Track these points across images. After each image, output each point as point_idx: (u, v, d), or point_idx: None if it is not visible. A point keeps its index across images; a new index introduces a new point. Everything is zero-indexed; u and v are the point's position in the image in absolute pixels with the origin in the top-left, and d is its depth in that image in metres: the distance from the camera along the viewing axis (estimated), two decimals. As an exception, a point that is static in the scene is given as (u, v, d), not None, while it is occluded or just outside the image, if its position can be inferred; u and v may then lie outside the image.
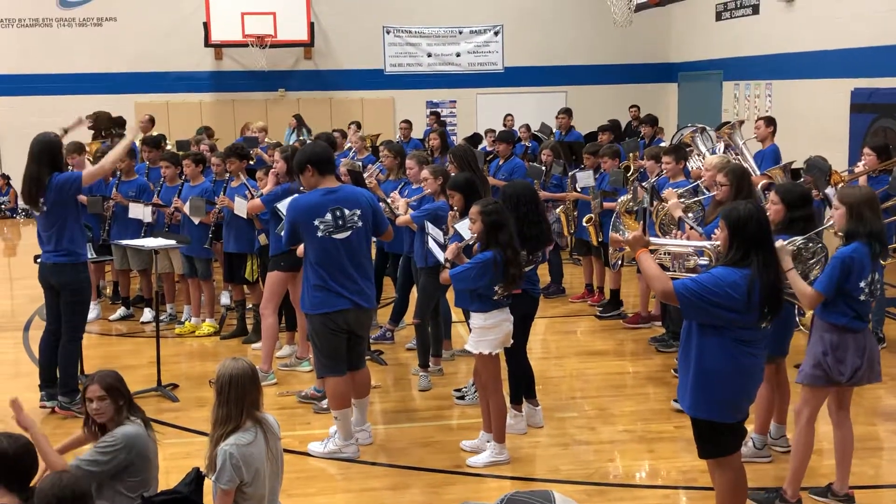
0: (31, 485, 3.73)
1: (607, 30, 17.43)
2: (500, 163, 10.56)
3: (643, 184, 8.01)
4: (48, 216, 6.65)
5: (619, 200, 7.74)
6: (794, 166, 8.62)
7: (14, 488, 3.70)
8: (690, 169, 8.06)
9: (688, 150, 8.39)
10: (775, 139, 9.69)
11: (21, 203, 17.33)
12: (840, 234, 5.09)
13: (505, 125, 15.37)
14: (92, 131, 13.17)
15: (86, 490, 3.40)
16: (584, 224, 9.34)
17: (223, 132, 15.82)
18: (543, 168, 10.35)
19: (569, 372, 7.83)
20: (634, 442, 6.25)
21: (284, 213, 6.31)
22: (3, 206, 18.11)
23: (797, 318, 5.54)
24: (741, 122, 9.54)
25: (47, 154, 6.60)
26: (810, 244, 5.12)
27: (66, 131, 7.75)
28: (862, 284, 4.90)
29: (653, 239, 5.06)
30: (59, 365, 6.81)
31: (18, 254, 14.96)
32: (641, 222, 7.10)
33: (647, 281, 4.64)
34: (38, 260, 6.94)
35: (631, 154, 10.71)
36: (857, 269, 4.89)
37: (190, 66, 18.48)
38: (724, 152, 8.42)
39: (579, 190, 9.63)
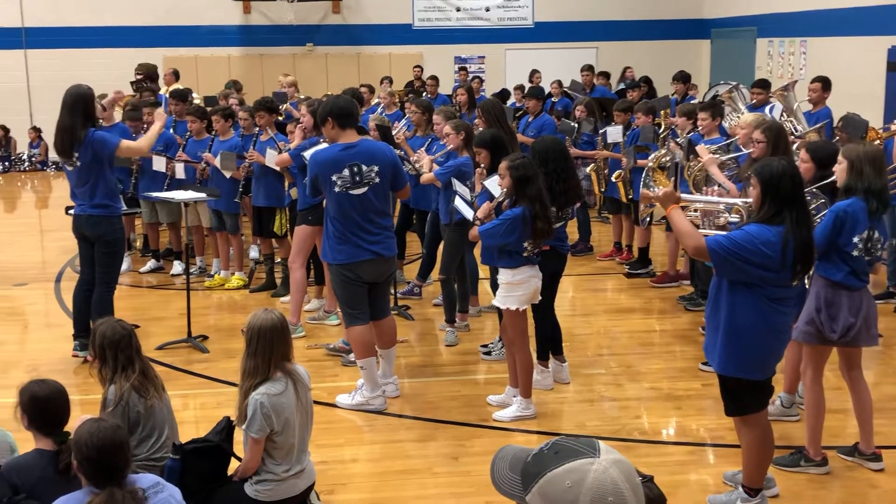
0: (65, 429, 3.80)
1: (640, -16, 17.19)
2: (530, 119, 10.49)
3: (677, 139, 7.92)
4: (81, 172, 6.70)
5: (652, 156, 7.66)
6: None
7: (48, 432, 3.77)
8: (726, 127, 7.97)
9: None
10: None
11: (52, 156, 17.50)
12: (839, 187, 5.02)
13: (532, 82, 15.23)
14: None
15: (124, 439, 3.39)
16: (614, 179, 9.28)
17: (251, 87, 15.81)
18: (575, 125, 10.27)
19: (596, 329, 7.83)
20: (661, 399, 6.26)
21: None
22: (34, 159, 18.25)
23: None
24: (794, 83, 9.25)
25: (81, 105, 6.63)
26: (812, 200, 5.06)
27: (104, 108, 7.84)
28: (856, 240, 4.83)
29: (684, 195, 5.02)
30: (91, 315, 6.90)
31: (49, 206, 15.11)
32: (673, 178, 7.04)
33: (678, 237, 4.60)
34: (71, 212, 6.99)
35: (662, 111, 10.60)
36: (851, 223, 4.82)
37: (218, 19, 18.42)
38: (780, 116, 8.23)
39: (611, 146, 9.56)
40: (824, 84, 9.33)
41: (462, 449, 5.50)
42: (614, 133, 9.37)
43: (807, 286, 5.07)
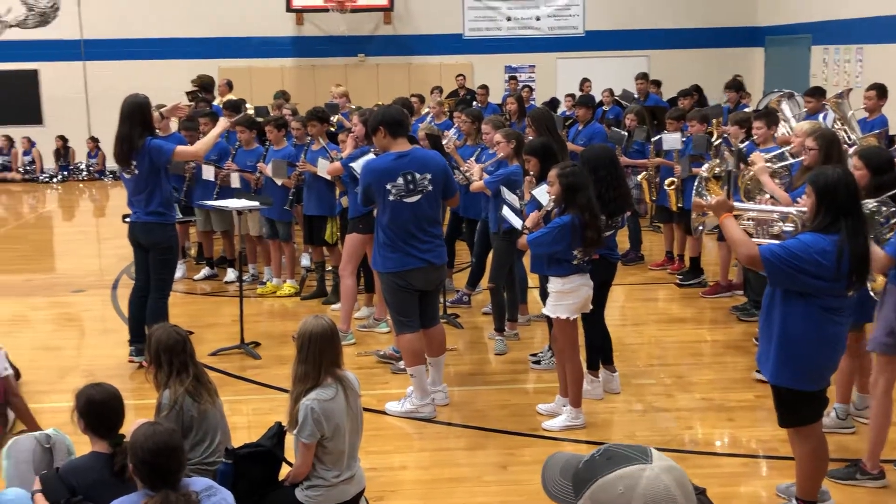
0: (120, 432, 3.87)
1: (691, -9, 17.03)
2: (580, 128, 10.45)
3: (732, 148, 7.84)
4: (139, 180, 6.82)
5: (706, 165, 7.59)
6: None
7: (104, 435, 3.84)
8: (776, 135, 7.87)
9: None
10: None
11: (109, 166, 17.86)
12: None
13: (582, 90, 15.18)
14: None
15: (178, 443, 3.45)
16: (666, 188, 9.21)
17: (304, 97, 15.95)
18: (625, 134, 10.22)
19: (647, 339, 7.77)
20: (713, 410, 6.19)
21: (359, 173, 6.38)
22: (91, 169, 18.63)
23: (868, 284, 5.38)
24: (849, 91, 9.10)
25: (138, 114, 6.77)
26: (883, 207, 4.96)
27: (162, 116, 7.97)
28: None
29: (737, 204, 4.96)
30: (147, 321, 7.01)
31: (107, 215, 15.41)
32: (726, 187, 6.97)
33: (731, 246, 4.56)
34: (127, 219, 7.13)
35: (714, 120, 10.49)
36: None
37: (272, 31, 18.65)
38: (833, 124, 8.09)
39: (665, 153, 9.49)
40: (880, 91, 9.16)
41: (511, 458, 5.50)
42: (671, 140, 9.28)
43: (874, 296, 4.97)
